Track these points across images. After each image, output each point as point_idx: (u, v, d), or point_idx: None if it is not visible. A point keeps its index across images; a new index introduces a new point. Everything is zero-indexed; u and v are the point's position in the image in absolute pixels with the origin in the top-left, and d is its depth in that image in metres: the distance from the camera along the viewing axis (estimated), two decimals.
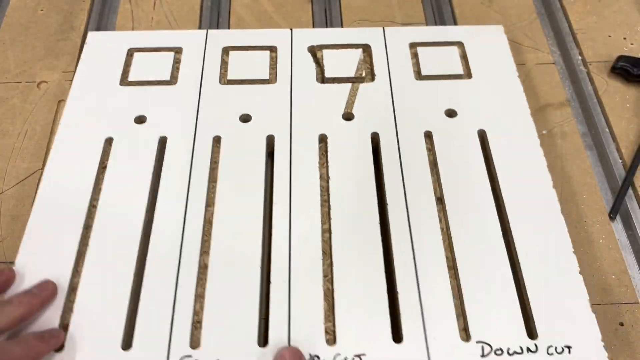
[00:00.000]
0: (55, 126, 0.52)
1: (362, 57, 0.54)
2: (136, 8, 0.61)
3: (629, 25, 0.61)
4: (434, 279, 0.40)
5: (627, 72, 0.55)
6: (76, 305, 0.39)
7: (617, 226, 0.48)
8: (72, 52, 0.58)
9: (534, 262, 0.41)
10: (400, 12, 0.62)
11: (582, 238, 0.46)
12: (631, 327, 0.42)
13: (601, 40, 0.59)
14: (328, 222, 0.43)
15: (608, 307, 0.43)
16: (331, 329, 0.39)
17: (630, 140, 0.52)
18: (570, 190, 0.49)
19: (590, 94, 0.56)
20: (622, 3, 0.63)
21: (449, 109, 0.50)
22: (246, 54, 0.54)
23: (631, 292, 0.44)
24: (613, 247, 0.46)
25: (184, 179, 0.45)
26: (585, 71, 0.57)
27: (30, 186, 0.49)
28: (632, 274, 0.45)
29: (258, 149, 0.47)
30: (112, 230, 0.43)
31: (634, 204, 0.49)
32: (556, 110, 0.54)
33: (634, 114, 0.53)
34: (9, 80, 0.56)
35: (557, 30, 0.61)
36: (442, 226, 0.43)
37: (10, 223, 0.47)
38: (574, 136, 0.52)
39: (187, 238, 0.42)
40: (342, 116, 0.49)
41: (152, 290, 0.40)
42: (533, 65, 0.57)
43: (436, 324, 0.38)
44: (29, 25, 0.61)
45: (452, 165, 0.46)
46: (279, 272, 0.41)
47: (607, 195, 0.49)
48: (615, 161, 0.51)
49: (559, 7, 0.63)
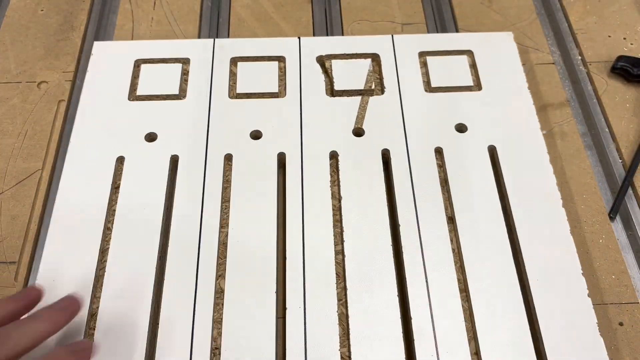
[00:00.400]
0: (56, 126, 0.52)
1: (372, 68, 0.54)
2: (136, 8, 0.61)
3: (628, 25, 0.60)
4: (446, 302, 0.41)
5: (627, 72, 0.55)
6: (96, 334, 0.40)
7: (617, 226, 0.48)
8: (72, 52, 0.58)
9: (544, 284, 0.42)
10: (400, 12, 0.61)
11: (582, 238, 0.46)
12: (631, 327, 0.43)
13: (601, 40, 0.59)
14: (341, 244, 0.44)
15: (608, 307, 0.44)
16: (346, 354, 0.40)
17: (629, 140, 0.52)
18: (570, 190, 0.49)
19: (590, 94, 0.56)
20: (622, 3, 0.62)
21: (459, 123, 0.50)
22: (254, 65, 0.54)
23: (631, 292, 0.44)
24: (613, 247, 0.46)
25: (197, 200, 0.45)
26: (585, 71, 0.57)
27: (30, 186, 0.49)
28: (631, 274, 0.45)
29: (269, 168, 0.47)
30: (128, 253, 0.43)
31: (633, 204, 0.49)
32: (556, 110, 0.54)
33: (634, 114, 0.54)
34: (9, 80, 0.56)
35: (557, 30, 0.61)
36: (453, 247, 0.44)
37: (10, 223, 0.47)
38: (573, 136, 0.52)
39: (203, 261, 0.43)
40: (352, 132, 0.49)
41: (171, 317, 0.41)
42: (533, 65, 0.57)
43: (449, 349, 0.39)
44: (29, 25, 0.60)
45: (462, 182, 0.47)
46: (294, 296, 0.41)
47: (606, 195, 0.50)
48: (615, 161, 0.51)
49: (559, 7, 0.62)
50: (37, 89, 0.55)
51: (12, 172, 0.50)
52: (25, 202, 0.48)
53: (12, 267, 0.44)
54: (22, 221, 0.47)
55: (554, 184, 0.46)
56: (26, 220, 0.44)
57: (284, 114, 0.50)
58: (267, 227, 0.44)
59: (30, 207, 0.47)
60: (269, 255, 0.43)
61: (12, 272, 0.44)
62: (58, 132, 0.52)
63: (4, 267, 0.44)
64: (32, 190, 0.49)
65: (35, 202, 0.48)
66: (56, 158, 0.51)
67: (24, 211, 0.48)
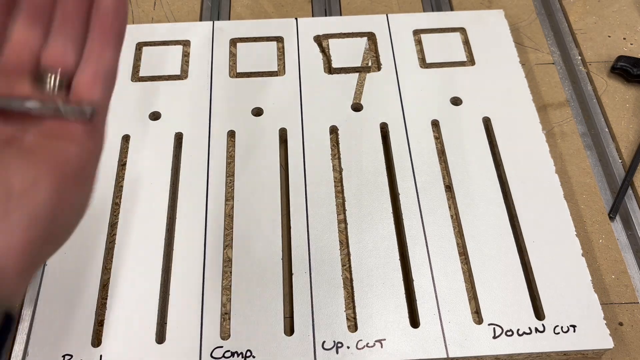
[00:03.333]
0: None
1: (368, 46, 0.55)
2: (136, 8, 0.61)
3: (628, 26, 0.60)
4: (446, 265, 0.43)
5: (626, 72, 0.55)
6: (109, 302, 0.41)
7: (617, 226, 0.48)
8: None
9: (540, 245, 0.44)
10: (400, 11, 0.61)
11: (582, 238, 0.46)
12: (630, 327, 0.43)
13: (601, 40, 0.59)
14: (343, 213, 0.45)
15: (608, 307, 0.44)
16: (352, 316, 0.41)
17: (629, 140, 0.52)
18: (570, 190, 0.49)
19: (590, 94, 0.56)
20: (622, 3, 0.62)
21: (454, 96, 0.52)
22: (253, 45, 0.55)
23: (631, 292, 0.45)
24: (613, 247, 0.47)
25: (203, 175, 0.47)
26: (585, 71, 0.57)
27: None
28: (631, 274, 0.46)
29: (272, 143, 0.49)
30: (137, 227, 0.44)
31: (633, 204, 0.50)
32: (556, 110, 0.54)
33: (634, 114, 0.54)
34: None
35: (557, 31, 0.61)
36: (451, 213, 0.46)
37: None
38: (573, 136, 0.52)
39: (210, 233, 0.44)
40: (351, 107, 0.51)
41: (181, 284, 0.42)
42: (533, 65, 0.57)
43: (450, 309, 0.41)
44: None
45: (459, 153, 0.48)
46: (299, 263, 0.43)
47: (606, 195, 0.50)
48: (615, 161, 0.52)
49: (559, 7, 0.63)
50: None
51: None
52: None
53: None
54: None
55: (547, 151, 0.48)
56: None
57: (284, 91, 0.52)
58: (271, 199, 0.46)
59: None
60: (274, 225, 0.45)
61: None
62: None
63: None
64: None
65: None
66: None
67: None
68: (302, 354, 0.39)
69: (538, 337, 0.40)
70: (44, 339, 0.40)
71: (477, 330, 0.40)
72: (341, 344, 0.40)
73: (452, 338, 0.40)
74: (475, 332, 0.40)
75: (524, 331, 0.40)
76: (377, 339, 0.40)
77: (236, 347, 0.39)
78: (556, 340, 0.40)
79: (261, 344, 0.40)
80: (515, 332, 0.40)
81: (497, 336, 0.40)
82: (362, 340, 0.40)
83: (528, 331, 0.40)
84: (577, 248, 0.43)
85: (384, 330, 0.40)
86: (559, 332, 0.40)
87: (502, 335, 0.40)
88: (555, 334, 0.40)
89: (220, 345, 0.40)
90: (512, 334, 0.40)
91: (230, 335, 0.40)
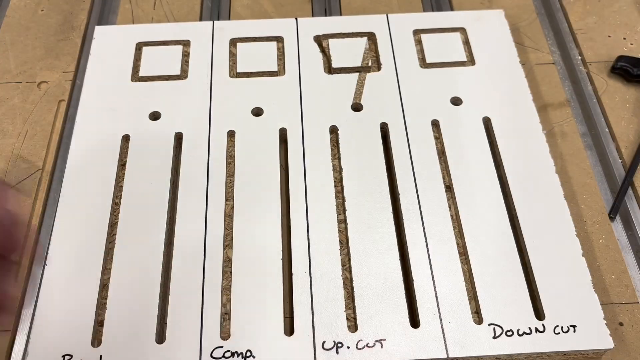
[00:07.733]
0: (56, 126, 0.53)
1: (368, 46, 0.55)
2: (136, 8, 0.61)
3: (628, 25, 0.60)
4: (446, 265, 0.43)
5: (627, 72, 0.55)
6: (109, 302, 0.41)
7: (617, 226, 0.48)
8: (72, 52, 0.58)
9: (540, 245, 0.44)
10: (400, 11, 0.61)
11: (582, 238, 0.45)
12: (631, 327, 0.43)
13: (601, 40, 0.59)
14: (343, 213, 0.45)
15: (608, 307, 0.43)
16: (352, 316, 0.41)
17: (629, 140, 0.52)
18: (570, 190, 0.49)
19: (590, 94, 0.56)
20: (622, 3, 0.62)
21: (454, 96, 0.52)
22: (253, 45, 0.55)
23: (631, 292, 0.44)
24: (613, 247, 0.47)
25: (203, 175, 0.47)
26: (585, 71, 0.57)
27: (30, 186, 0.49)
28: (631, 274, 0.46)
29: (272, 143, 0.49)
30: (136, 227, 0.44)
31: (633, 204, 0.49)
32: (556, 110, 0.54)
33: (634, 114, 0.54)
34: (9, 80, 0.56)
35: (557, 30, 0.61)
36: (452, 213, 0.46)
37: None
38: (573, 136, 0.52)
39: (210, 232, 0.44)
40: (351, 107, 0.51)
41: (181, 284, 0.42)
42: (533, 65, 0.57)
43: (450, 309, 0.41)
44: (29, 25, 0.60)
45: (459, 153, 0.48)
46: (299, 263, 0.43)
47: (606, 195, 0.50)
48: (615, 161, 0.51)
49: (559, 7, 0.62)
50: (37, 89, 0.55)
51: (12, 172, 0.50)
52: (25, 202, 0.48)
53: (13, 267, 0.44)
54: (22, 221, 0.47)
55: (547, 152, 0.48)
56: (26, 220, 0.44)
57: (284, 91, 0.52)
58: (271, 199, 0.46)
59: (30, 207, 0.48)
60: (273, 225, 0.45)
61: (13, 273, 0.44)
62: (58, 132, 0.52)
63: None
64: (32, 190, 0.49)
65: (35, 202, 0.48)
66: (56, 158, 0.51)
67: (24, 211, 0.48)
68: (302, 354, 0.39)
69: (538, 337, 0.40)
70: (44, 339, 0.40)
71: (477, 330, 0.40)
72: (341, 344, 0.40)
73: (452, 338, 0.40)
74: (475, 332, 0.40)
75: (524, 331, 0.40)
76: (377, 339, 0.40)
77: (236, 347, 0.39)
78: (556, 340, 0.40)
79: (261, 344, 0.40)
80: (516, 332, 0.40)
81: (497, 336, 0.40)
82: (362, 340, 0.40)
83: (528, 331, 0.40)
84: (577, 248, 0.43)
85: (384, 331, 0.40)
86: (559, 332, 0.40)
87: (502, 335, 0.40)
88: (556, 334, 0.40)
89: (220, 345, 0.40)
90: (512, 334, 0.40)
91: (230, 335, 0.40)
